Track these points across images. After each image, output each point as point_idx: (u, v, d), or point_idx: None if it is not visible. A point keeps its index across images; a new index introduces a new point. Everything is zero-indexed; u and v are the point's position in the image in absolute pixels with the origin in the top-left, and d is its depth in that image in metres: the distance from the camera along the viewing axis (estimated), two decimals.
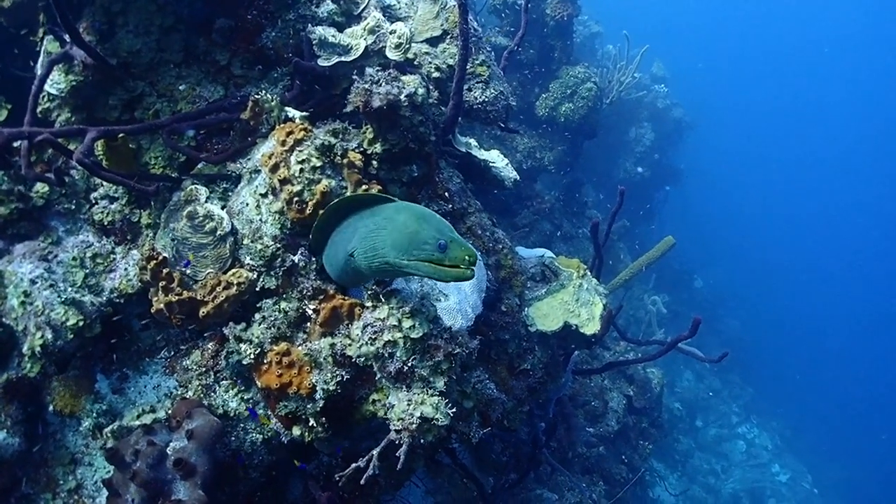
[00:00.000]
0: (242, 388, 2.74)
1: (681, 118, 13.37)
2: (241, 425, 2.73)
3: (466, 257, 1.97)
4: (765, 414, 14.36)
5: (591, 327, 3.68)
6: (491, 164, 4.41)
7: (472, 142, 4.35)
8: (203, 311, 2.59)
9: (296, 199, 2.57)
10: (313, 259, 2.65)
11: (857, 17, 43.00)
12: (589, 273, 3.98)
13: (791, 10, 43.29)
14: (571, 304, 3.70)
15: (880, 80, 40.46)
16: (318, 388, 2.36)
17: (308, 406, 2.40)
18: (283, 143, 2.65)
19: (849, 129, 38.11)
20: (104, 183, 2.98)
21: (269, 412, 2.64)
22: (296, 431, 2.51)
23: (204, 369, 2.79)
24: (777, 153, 34.29)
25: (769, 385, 15.61)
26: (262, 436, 2.72)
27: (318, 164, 2.62)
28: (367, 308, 2.32)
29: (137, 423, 2.65)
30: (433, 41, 3.59)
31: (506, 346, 3.46)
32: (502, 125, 4.00)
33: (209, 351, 2.80)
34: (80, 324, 2.62)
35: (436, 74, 3.41)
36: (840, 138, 37.22)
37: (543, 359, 3.64)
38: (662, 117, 12.81)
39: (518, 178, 4.71)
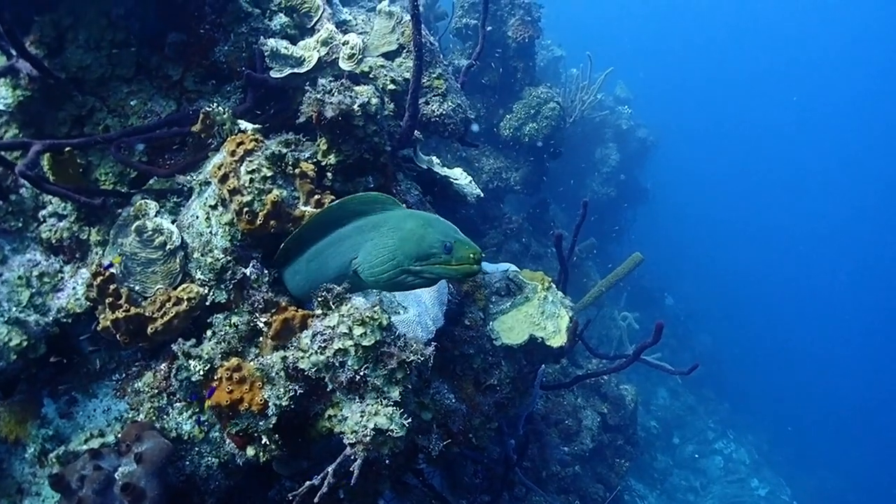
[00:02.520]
0: (197, 410, 2.65)
1: (645, 138, 13.57)
2: (196, 448, 2.63)
3: (471, 255, 2.10)
4: (741, 428, 14.41)
5: (558, 340, 3.65)
6: (453, 181, 4.42)
7: (435, 159, 4.36)
8: (151, 328, 2.51)
9: (246, 209, 2.52)
10: (266, 271, 2.59)
11: (824, 35, 44.47)
12: (554, 286, 3.97)
13: (756, 32, 44.82)
14: (537, 316, 3.67)
15: (841, 99, 41.90)
16: (270, 404, 2.28)
17: (261, 423, 2.31)
18: (234, 154, 2.61)
19: (811, 147, 39.34)
20: (53, 200, 2.90)
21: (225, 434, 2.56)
22: (250, 452, 2.41)
23: (156, 391, 2.69)
24: (743, 168, 35.24)
25: (744, 399, 15.71)
26: (218, 459, 2.62)
27: (269, 173, 2.58)
28: (317, 316, 2.26)
29: (85, 447, 2.52)
30: (389, 55, 3.61)
31: (471, 361, 3.41)
32: (460, 139, 4.02)
33: (162, 372, 2.70)
34: (24, 344, 2.51)
35: (391, 87, 3.41)
36: (802, 155, 38.36)
37: (510, 373, 3.59)
38: (627, 137, 12.98)
39: (482, 194, 4.72)
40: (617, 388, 8.19)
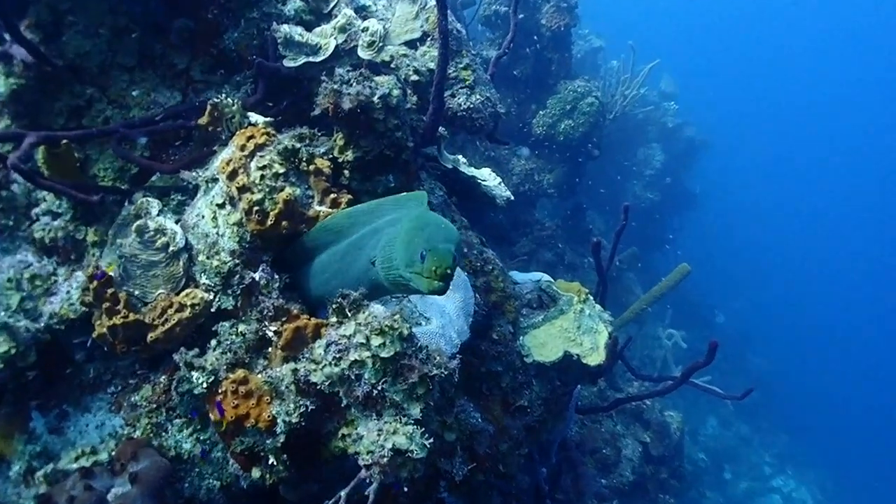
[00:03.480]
0: (198, 427, 2.67)
1: (693, 137, 13.47)
2: (197, 469, 2.64)
3: (434, 269, 2.05)
4: (802, 464, 14.12)
5: (596, 357, 3.62)
6: (480, 181, 4.42)
7: (461, 158, 4.37)
8: (151, 335, 2.53)
9: (256, 208, 2.54)
10: (276, 276, 2.61)
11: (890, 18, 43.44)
12: (591, 298, 3.94)
13: (816, 21, 44.16)
14: (572, 331, 3.65)
15: None
16: (278, 421, 2.28)
17: (268, 441, 2.32)
18: (243, 148, 2.64)
19: (890, 148, 38.30)
20: (47, 197, 2.96)
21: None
22: (255, 473, 2.42)
23: (155, 406, 2.71)
24: (803, 174, 34.60)
25: (805, 431, 15.38)
26: (220, 481, 2.63)
27: (282, 170, 2.61)
28: (332, 325, 2.27)
29: (75, 465, 2.56)
30: (412, 43, 3.62)
31: (498, 380, 3.39)
32: (489, 135, 4.01)
33: (161, 385, 2.73)
34: (12, 352, 2.55)
35: (414, 78, 3.43)
36: (876, 162, 37.49)
37: (542, 394, 3.56)
38: (673, 136, 12.90)
39: (512, 196, 4.71)
40: (661, 415, 8.08)
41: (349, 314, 2.24)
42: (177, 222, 2.81)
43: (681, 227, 13.44)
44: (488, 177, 4.73)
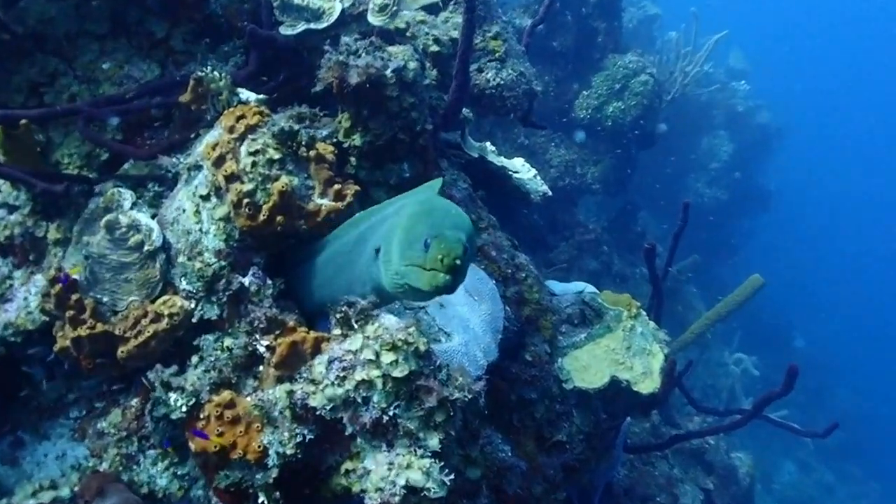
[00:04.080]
0: (176, 459, 2.69)
1: (767, 124, 13.38)
2: None
3: (440, 257, 2.02)
4: None
5: (648, 384, 3.61)
6: (512, 173, 4.43)
7: (489, 145, 4.39)
8: (122, 350, 2.55)
9: (246, 201, 2.56)
10: (269, 281, 2.62)
11: None
12: (644, 313, 3.93)
13: None
14: (621, 352, 3.64)
15: None
16: (271, 452, 2.29)
17: (258, 476, 2.32)
18: (232, 130, 2.66)
19: None
20: (2, 188, 3.00)
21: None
22: None
23: (125, 433, 2.74)
24: None
25: None
26: None
27: (277, 156, 2.62)
28: (336, 338, 2.27)
29: (32, 502, 2.59)
30: (432, 8, 3.65)
31: (532, 409, 3.39)
32: (523, 118, 4.03)
33: (133, 409, 2.76)
34: None
35: (434, 48, 3.45)
36: None
37: (584, 428, 3.56)
38: (743, 123, 12.83)
39: (549, 191, 4.72)
40: (727, 457, 8.01)
41: (356, 325, 2.24)
42: (153, 217, 2.83)
43: (752, 232, 13.34)
44: (521, 168, 4.74)
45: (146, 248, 2.70)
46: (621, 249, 8.37)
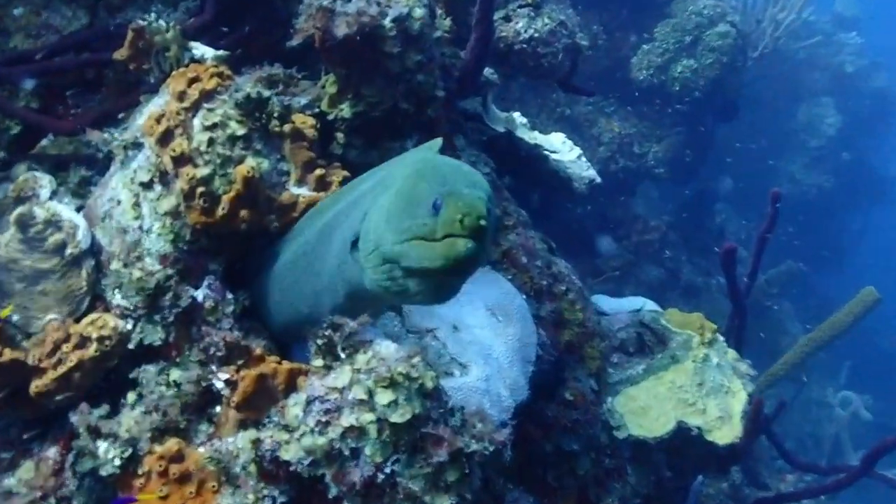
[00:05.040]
0: None
1: (885, 90, 13.30)
2: None
3: (459, 217, 1.93)
4: None
5: (727, 432, 3.61)
6: (549, 153, 4.43)
7: (518, 117, 4.38)
8: (37, 384, 2.55)
9: (201, 190, 2.57)
10: (230, 295, 2.64)
11: None
12: (721, 339, 3.92)
13: None
14: (691, 390, 3.64)
15: None
16: None
17: None
18: (182, 97, 2.66)
19: None
20: None
21: None
22: None
23: (40, 495, 2.76)
24: None
25: None
26: None
27: (241, 131, 2.63)
28: (316, 371, 2.28)
29: None
30: None
31: (574, 464, 3.40)
32: (563, 81, 4.03)
33: (50, 462, 2.76)
34: None
35: None
36: None
37: (642, 489, 3.57)
38: (854, 88, 12.77)
39: (597, 177, 4.72)
40: None
41: (342, 355, 2.25)
42: (79, 210, 2.85)
43: (864, 231, 13.26)
44: (560, 146, 4.73)
45: (69, 250, 2.71)
46: (692, 253, 8.33)
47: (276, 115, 2.73)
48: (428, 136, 3.01)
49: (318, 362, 2.31)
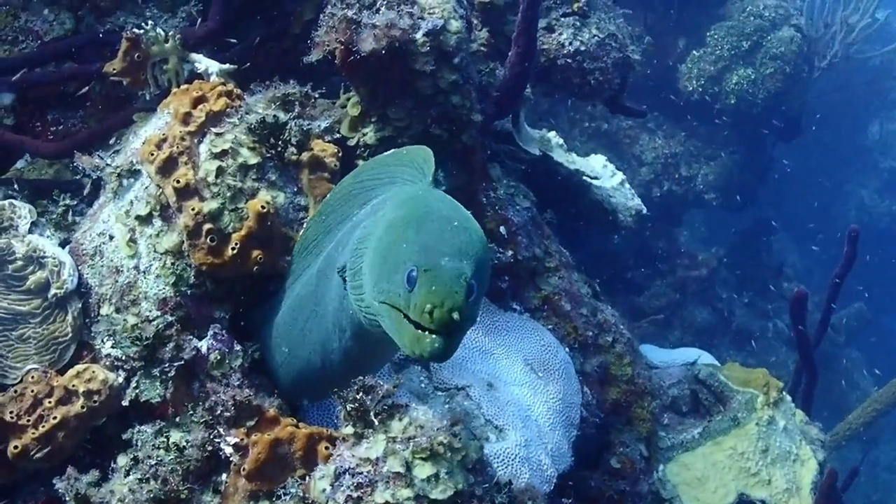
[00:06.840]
0: None
1: None
2: None
3: (429, 307, 1.92)
4: None
5: None
6: (590, 181, 4.44)
7: (553, 137, 4.38)
8: (16, 444, 2.54)
9: (208, 226, 2.56)
10: (238, 347, 2.63)
11: None
12: (787, 397, 3.92)
13: None
14: (753, 458, 3.62)
15: None
16: None
17: None
18: (186, 120, 2.64)
19: None
20: None
21: None
22: None
23: None
24: None
25: None
26: None
27: (254, 160, 2.61)
28: (344, 440, 2.28)
29: None
30: None
31: None
32: (612, 100, 4.03)
33: None
34: None
35: None
36: None
37: None
38: None
39: (643, 207, 4.72)
40: None
41: (375, 420, 2.24)
42: (63, 245, 2.81)
43: None
44: (602, 171, 4.72)
45: (53, 291, 2.68)
46: (750, 291, 8.29)
47: (293, 141, 2.71)
48: (462, 167, 3.01)
49: (349, 430, 2.29)
